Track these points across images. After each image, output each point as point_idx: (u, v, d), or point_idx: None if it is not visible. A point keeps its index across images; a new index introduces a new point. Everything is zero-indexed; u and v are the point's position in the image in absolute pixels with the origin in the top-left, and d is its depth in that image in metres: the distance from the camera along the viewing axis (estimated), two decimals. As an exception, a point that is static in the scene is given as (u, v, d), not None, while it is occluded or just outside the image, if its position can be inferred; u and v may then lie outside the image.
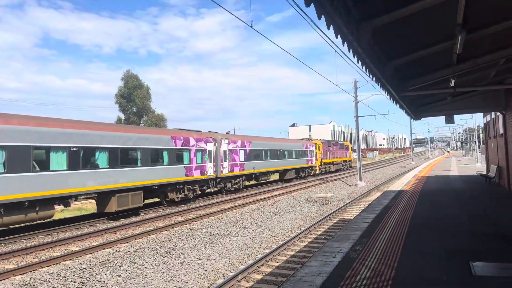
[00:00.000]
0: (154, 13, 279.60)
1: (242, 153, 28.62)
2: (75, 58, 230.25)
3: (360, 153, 36.39)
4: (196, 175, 23.02)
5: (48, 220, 15.55)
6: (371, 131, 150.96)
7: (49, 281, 9.70)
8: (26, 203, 13.73)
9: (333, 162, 49.68)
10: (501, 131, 17.30)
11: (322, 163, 45.48)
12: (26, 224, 15.53)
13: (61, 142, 15.03)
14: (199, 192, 23.91)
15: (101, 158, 17.00)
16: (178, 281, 10.44)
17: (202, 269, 11.47)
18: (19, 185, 13.39)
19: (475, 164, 42.93)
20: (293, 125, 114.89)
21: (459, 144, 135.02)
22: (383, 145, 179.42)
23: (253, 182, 33.27)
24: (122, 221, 17.69)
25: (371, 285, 5.90)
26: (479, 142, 55.06)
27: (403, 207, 13.46)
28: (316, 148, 43.15)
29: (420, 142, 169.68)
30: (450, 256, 7.27)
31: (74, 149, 15.54)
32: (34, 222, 15.20)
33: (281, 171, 36.01)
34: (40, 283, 9.59)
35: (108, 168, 17.20)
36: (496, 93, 16.47)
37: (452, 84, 10.98)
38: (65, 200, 15.72)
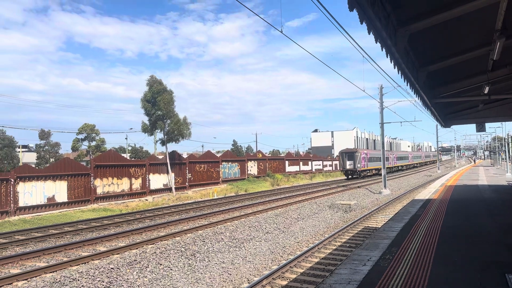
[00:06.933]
0: (174, 17, 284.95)
1: None
2: (98, 62, 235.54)
3: (385, 161, 35.84)
4: None
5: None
6: (395, 138, 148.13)
7: (78, 280, 9.88)
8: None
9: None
10: (534, 140, 16.75)
11: None
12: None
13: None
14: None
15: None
16: (203, 284, 10.49)
17: (227, 272, 11.49)
18: None
19: (505, 174, 41.69)
20: (315, 130, 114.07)
21: (486, 153, 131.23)
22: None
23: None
24: (148, 223, 17.90)
25: (403, 295, 5.78)
26: (509, 151, 53.40)
27: (432, 216, 13.17)
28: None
29: (446, 150, 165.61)
30: (484, 268, 7.05)
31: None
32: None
33: None
34: (70, 281, 9.78)
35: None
36: (531, 101, 15.98)
37: (486, 91, 10.69)
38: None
